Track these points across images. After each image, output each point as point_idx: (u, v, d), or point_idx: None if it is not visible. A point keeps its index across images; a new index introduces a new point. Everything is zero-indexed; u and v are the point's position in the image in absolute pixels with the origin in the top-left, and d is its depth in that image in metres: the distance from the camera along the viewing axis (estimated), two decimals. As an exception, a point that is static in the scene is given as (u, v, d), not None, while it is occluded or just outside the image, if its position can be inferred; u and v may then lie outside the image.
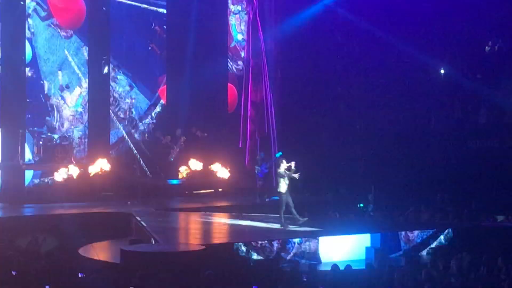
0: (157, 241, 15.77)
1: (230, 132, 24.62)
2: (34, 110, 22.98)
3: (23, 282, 11.82)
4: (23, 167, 21.26)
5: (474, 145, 22.98)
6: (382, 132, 23.80)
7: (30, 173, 22.45)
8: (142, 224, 17.50)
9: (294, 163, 17.80)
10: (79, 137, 23.57)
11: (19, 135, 21.25)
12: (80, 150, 23.47)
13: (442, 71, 24.74)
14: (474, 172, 22.03)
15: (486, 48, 24.13)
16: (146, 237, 16.44)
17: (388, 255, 16.96)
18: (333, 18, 25.12)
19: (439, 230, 18.10)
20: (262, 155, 22.97)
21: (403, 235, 17.67)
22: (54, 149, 22.27)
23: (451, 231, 18.05)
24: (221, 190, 22.97)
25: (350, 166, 23.71)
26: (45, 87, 23.65)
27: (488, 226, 18.73)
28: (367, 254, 16.81)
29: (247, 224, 18.56)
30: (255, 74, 25.04)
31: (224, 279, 12.09)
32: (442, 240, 17.90)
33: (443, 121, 23.97)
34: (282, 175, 17.73)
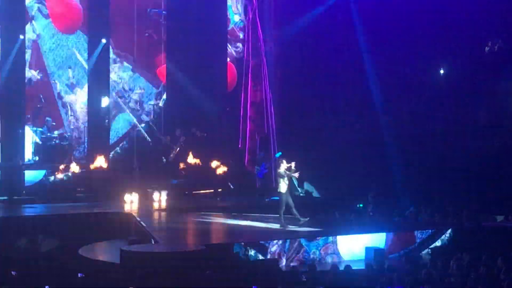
0: (157, 241, 15.76)
1: (230, 132, 24.63)
2: (47, 112, 23.15)
3: (23, 282, 11.84)
4: (23, 167, 21.26)
5: (474, 145, 22.97)
6: (381, 132, 23.79)
7: (32, 173, 22.47)
8: (142, 224, 17.49)
9: (294, 163, 17.78)
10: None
11: (19, 135, 21.28)
12: (79, 150, 23.47)
13: (441, 71, 24.74)
14: (474, 172, 22.04)
15: (486, 48, 24.13)
16: (146, 237, 16.43)
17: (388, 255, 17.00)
18: (333, 18, 25.11)
19: (438, 230, 18.11)
20: (262, 155, 22.97)
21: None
22: (53, 149, 22.27)
23: (451, 231, 18.07)
24: (220, 190, 22.97)
25: (349, 166, 23.69)
26: (57, 87, 23.86)
27: (487, 226, 18.71)
28: (367, 254, 16.80)
29: (247, 224, 18.55)
30: (255, 74, 25.05)
31: (223, 279, 12.10)
32: (442, 240, 17.91)
33: (443, 121, 23.95)
34: (282, 175, 17.70)
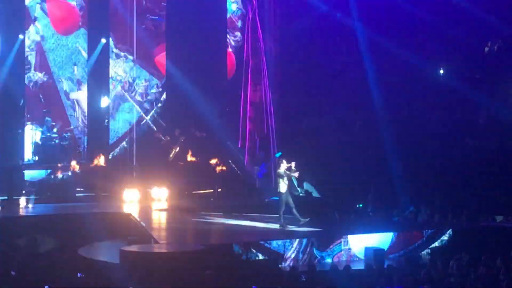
0: (156, 241, 15.77)
1: (229, 132, 24.63)
2: (56, 114, 23.25)
3: (22, 282, 11.85)
4: (23, 167, 21.26)
5: (473, 145, 22.97)
6: (381, 132, 23.78)
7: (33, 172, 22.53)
8: (141, 224, 17.50)
9: (294, 163, 17.78)
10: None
11: (18, 135, 21.27)
12: (79, 150, 23.46)
13: (441, 71, 24.74)
14: (473, 173, 22.04)
15: (485, 49, 24.14)
16: (145, 237, 16.44)
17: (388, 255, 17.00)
18: (332, 17, 25.10)
19: (438, 230, 18.11)
20: (262, 155, 22.96)
21: None
22: (53, 149, 22.26)
23: (451, 231, 18.07)
24: (220, 190, 22.97)
25: (349, 166, 23.68)
26: (63, 85, 23.87)
27: (487, 226, 18.72)
28: (366, 254, 16.80)
29: (246, 224, 18.55)
30: (254, 74, 25.04)
31: (223, 279, 12.10)
32: (441, 240, 17.91)
33: (442, 121, 23.95)
34: (282, 176, 17.69)
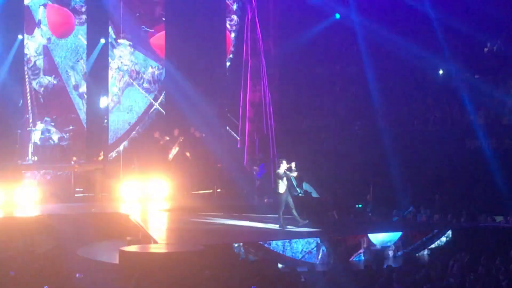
0: (156, 241, 15.75)
1: (229, 132, 24.63)
2: (63, 113, 23.40)
3: (21, 282, 11.84)
4: (22, 167, 21.24)
5: (473, 145, 22.96)
6: (380, 132, 23.77)
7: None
8: (140, 224, 17.48)
9: (294, 164, 17.75)
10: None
11: (18, 136, 21.26)
12: (78, 150, 23.47)
13: (440, 71, 24.74)
14: (473, 173, 22.04)
15: (485, 49, 24.14)
16: (144, 237, 16.43)
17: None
18: (332, 18, 25.10)
19: (437, 230, 18.10)
20: (261, 155, 22.94)
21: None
22: (52, 149, 22.26)
23: (450, 231, 18.06)
24: (219, 190, 22.96)
25: (348, 166, 23.68)
26: (72, 80, 23.93)
27: (486, 227, 18.72)
28: (366, 254, 16.80)
29: (246, 224, 18.54)
30: (254, 74, 25.01)
31: (223, 279, 12.09)
32: (441, 241, 17.90)
33: (442, 121, 23.95)
34: (281, 176, 17.65)
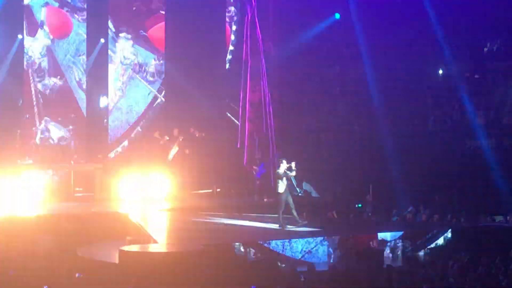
0: (156, 241, 15.75)
1: (229, 132, 24.62)
2: (68, 114, 23.39)
3: (21, 282, 11.84)
4: (22, 167, 21.23)
5: (473, 145, 22.97)
6: (380, 132, 23.78)
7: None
8: (140, 224, 17.48)
9: (294, 163, 17.74)
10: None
11: (18, 136, 21.27)
12: (78, 150, 23.48)
13: (440, 71, 24.74)
14: (473, 173, 22.04)
15: (485, 49, 24.13)
16: (144, 237, 16.42)
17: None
18: (332, 17, 25.09)
19: (437, 230, 18.10)
20: (261, 155, 22.94)
21: None
22: (52, 149, 22.26)
23: (450, 231, 18.06)
24: (219, 190, 22.96)
25: (348, 166, 23.68)
26: (74, 75, 23.88)
27: (486, 227, 18.73)
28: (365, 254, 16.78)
29: (246, 224, 18.54)
30: (253, 74, 25.01)
31: (223, 279, 12.10)
32: (441, 241, 17.91)
33: (442, 121, 23.95)
34: (281, 176, 17.64)
